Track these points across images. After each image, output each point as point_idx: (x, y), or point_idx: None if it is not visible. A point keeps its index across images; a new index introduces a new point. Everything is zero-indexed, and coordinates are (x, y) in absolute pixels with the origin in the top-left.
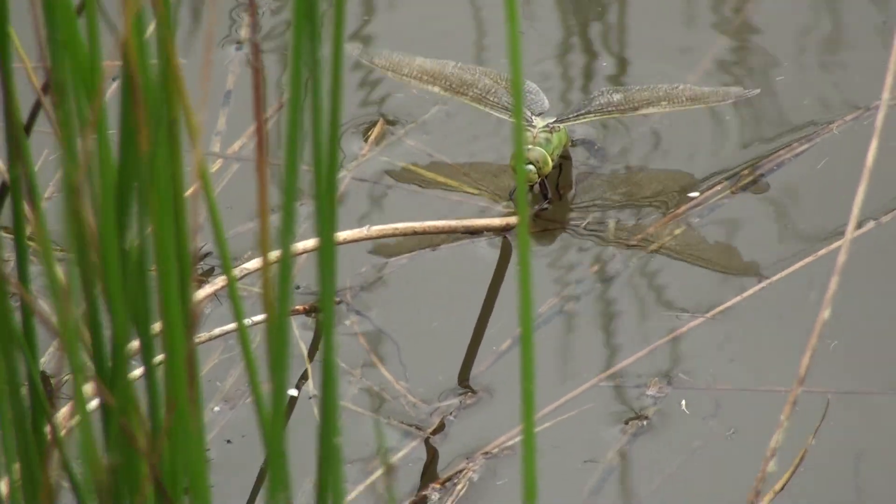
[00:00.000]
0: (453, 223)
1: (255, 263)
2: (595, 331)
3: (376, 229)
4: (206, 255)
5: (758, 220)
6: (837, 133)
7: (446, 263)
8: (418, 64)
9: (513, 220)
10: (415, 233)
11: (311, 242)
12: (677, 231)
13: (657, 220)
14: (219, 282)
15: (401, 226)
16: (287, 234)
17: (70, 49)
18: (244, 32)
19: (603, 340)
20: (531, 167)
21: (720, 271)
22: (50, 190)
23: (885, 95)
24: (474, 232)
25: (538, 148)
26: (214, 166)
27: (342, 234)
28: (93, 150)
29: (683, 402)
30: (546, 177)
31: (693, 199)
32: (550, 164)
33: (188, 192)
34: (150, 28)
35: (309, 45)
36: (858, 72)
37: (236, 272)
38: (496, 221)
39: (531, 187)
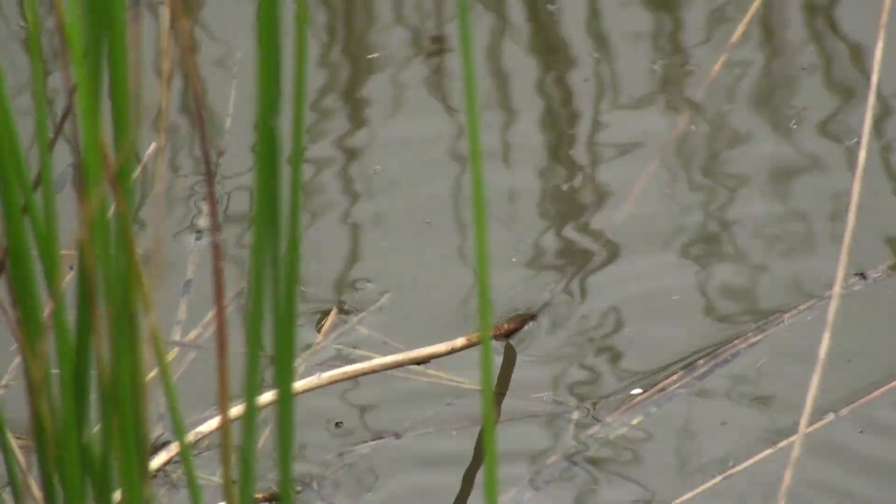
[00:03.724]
0: (400, 357)
1: (209, 426)
2: None
3: (327, 376)
4: (162, 444)
5: (713, 413)
6: (787, 324)
7: (413, 450)
8: None
9: (458, 342)
10: (364, 373)
11: (268, 395)
12: (634, 421)
13: (614, 410)
14: (173, 448)
15: (350, 368)
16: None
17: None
18: (203, 222)
19: None
20: None
21: None
22: (7, 378)
23: (837, 288)
24: (422, 361)
25: None
26: (170, 355)
27: (296, 386)
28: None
29: None
30: None
31: (637, 395)
32: None
33: (147, 379)
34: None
35: (270, 243)
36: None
37: (190, 437)
38: (442, 347)
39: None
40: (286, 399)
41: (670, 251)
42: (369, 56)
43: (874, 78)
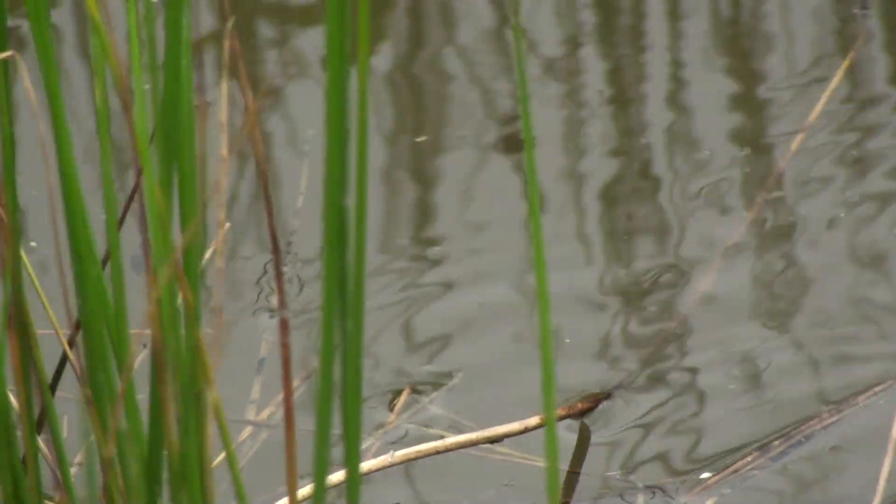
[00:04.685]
0: (473, 436)
1: None
2: None
3: (400, 454)
4: None
5: (788, 494)
6: (862, 406)
7: None
8: None
9: (532, 421)
10: (437, 452)
11: (338, 474)
12: (710, 502)
13: (687, 491)
14: None
15: (423, 447)
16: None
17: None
18: (275, 301)
19: None
20: None
21: None
22: (80, 456)
23: None
24: (495, 440)
25: None
26: (244, 434)
27: (367, 465)
28: (122, 422)
29: None
30: None
31: (705, 479)
32: None
33: (216, 462)
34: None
35: (339, 320)
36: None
37: None
38: (515, 426)
39: None
40: (354, 479)
41: (741, 334)
42: (417, 139)
43: None
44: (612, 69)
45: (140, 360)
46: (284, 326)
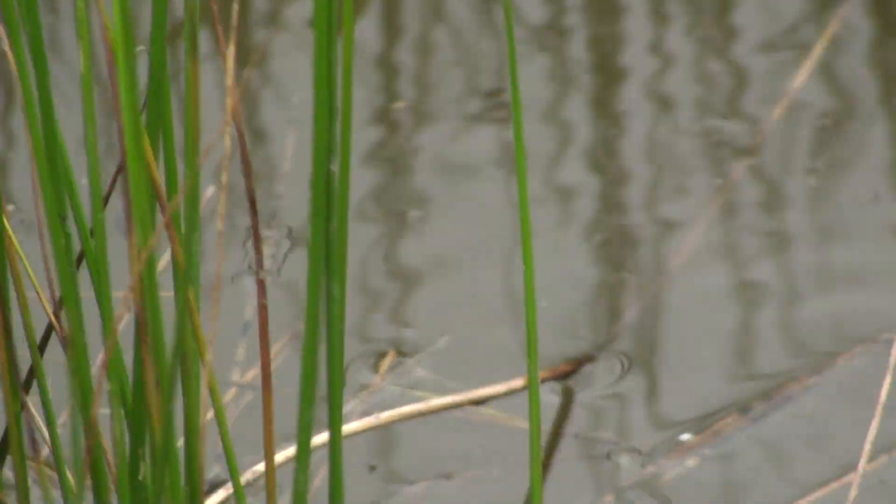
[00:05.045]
0: (457, 398)
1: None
2: None
3: (386, 416)
4: (220, 482)
5: (769, 455)
6: (841, 367)
7: (466, 492)
8: None
9: (516, 383)
10: (421, 413)
11: (322, 437)
12: (690, 463)
13: (668, 452)
14: (228, 487)
15: (407, 409)
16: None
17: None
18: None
19: None
20: None
21: None
22: (65, 416)
23: None
24: (480, 402)
25: None
26: (229, 395)
27: (353, 426)
28: (108, 385)
29: None
30: None
31: (684, 441)
32: None
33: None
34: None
35: (324, 281)
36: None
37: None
38: (499, 388)
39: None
40: (337, 440)
41: (719, 294)
42: (395, 104)
43: None
44: (594, 40)
45: (126, 322)
46: (262, 287)
